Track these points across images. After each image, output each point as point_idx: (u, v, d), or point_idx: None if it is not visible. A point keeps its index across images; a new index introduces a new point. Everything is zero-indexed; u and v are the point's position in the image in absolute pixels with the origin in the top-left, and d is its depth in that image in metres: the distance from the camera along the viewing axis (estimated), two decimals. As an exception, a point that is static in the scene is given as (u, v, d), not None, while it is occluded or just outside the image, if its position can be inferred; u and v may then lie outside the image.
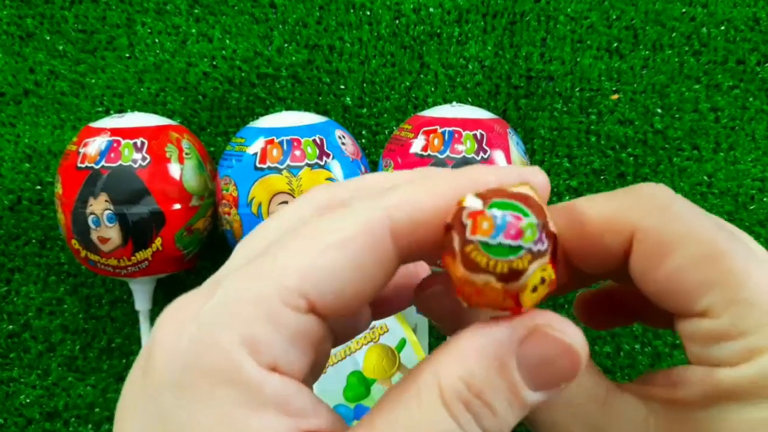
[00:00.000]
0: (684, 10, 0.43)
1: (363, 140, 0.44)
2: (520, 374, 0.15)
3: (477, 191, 0.14)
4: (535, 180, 0.16)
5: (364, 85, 0.44)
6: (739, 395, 0.16)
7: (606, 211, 0.17)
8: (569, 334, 0.15)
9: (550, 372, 0.15)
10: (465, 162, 0.35)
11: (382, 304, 0.20)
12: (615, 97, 0.43)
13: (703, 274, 0.16)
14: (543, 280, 0.13)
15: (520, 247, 0.13)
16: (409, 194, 0.15)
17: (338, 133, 0.38)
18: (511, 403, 0.15)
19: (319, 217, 0.16)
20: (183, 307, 0.15)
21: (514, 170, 0.16)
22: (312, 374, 0.17)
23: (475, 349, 0.15)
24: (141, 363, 0.15)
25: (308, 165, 0.35)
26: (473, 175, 0.16)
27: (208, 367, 0.14)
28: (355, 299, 0.15)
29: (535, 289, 0.13)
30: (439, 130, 0.36)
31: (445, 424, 0.14)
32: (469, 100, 0.44)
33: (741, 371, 0.16)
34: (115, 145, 0.36)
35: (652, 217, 0.17)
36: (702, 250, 0.16)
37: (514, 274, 0.13)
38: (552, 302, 0.44)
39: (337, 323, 0.17)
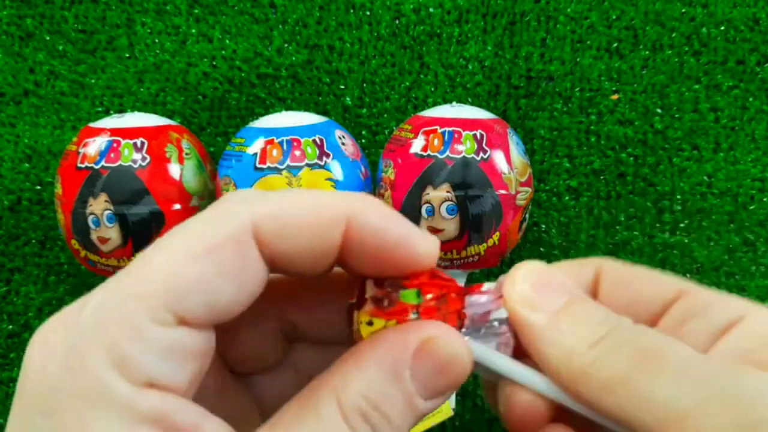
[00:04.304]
0: (684, 10, 0.43)
1: (363, 140, 0.44)
2: (413, 385, 0.16)
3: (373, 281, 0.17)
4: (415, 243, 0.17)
5: (364, 85, 0.44)
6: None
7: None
8: (456, 345, 0.16)
9: (440, 381, 0.16)
10: (465, 162, 0.35)
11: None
12: (615, 97, 0.43)
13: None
14: (370, 323, 0.17)
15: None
16: (276, 203, 0.16)
17: (338, 133, 0.38)
18: (405, 412, 0.15)
19: (185, 223, 0.15)
20: (52, 327, 0.15)
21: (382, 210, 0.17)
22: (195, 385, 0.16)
23: (373, 360, 0.15)
24: (18, 383, 0.15)
25: (308, 165, 0.35)
26: (345, 200, 0.16)
27: (77, 390, 0.14)
28: (228, 307, 0.15)
29: (370, 323, 0.17)
30: (439, 130, 0.36)
31: None
32: (469, 100, 0.44)
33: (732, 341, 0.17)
34: (114, 145, 0.36)
35: (610, 267, 0.20)
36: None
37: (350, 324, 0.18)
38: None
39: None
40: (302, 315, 0.20)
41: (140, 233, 0.36)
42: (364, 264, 0.17)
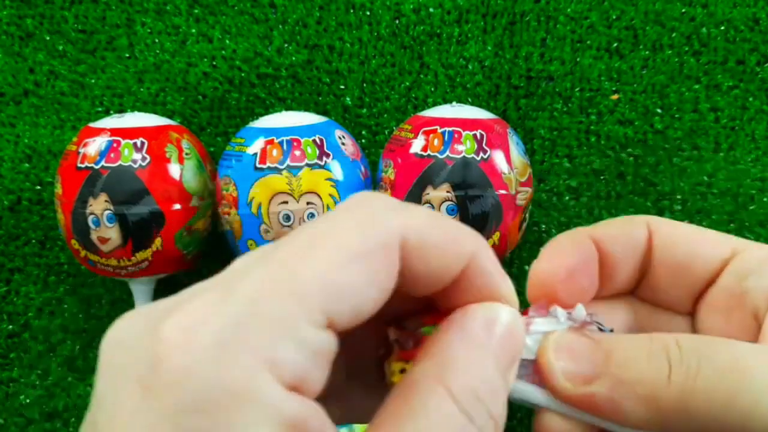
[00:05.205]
0: (684, 10, 0.43)
1: (363, 140, 0.44)
2: (499, 361, 0.16)
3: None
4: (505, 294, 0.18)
5: (364, 85, 0.44)
6: None
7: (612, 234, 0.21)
8: (508, 316, 0.17)
9: (512, 349, 0.17)
10: (465, 162, 0.35)
11: None
12: (615, 97, 0.43)
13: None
14: (403, 371, 0.18)
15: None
16: (423, 220, 0.16)
17: (338, 133, 0.38)
18: (501, 394, 0.16)
19: (333, 221, 0.15)
20: (189, 320, 0.14)
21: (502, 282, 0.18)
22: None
23: (473, 355, 0.16)
24: (140, 374, 0.13)
25: (308, 165, 0.35)
26: (474, 236, 0.17)
27: (229, 388, 0.13)
28: (367, 314, 0.15)
29: (403, 371, 0.18)
30: (439, 130, 0.36)
31: (457, 419, 0.15)
32: (469, 100, 0.44)
33: None
34: (114, 145, 0.36)
35: (661, 224, 0.21)
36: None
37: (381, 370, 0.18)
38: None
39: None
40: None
41: (140, 233, 0.36)
42: (456, 298, 0.17)
